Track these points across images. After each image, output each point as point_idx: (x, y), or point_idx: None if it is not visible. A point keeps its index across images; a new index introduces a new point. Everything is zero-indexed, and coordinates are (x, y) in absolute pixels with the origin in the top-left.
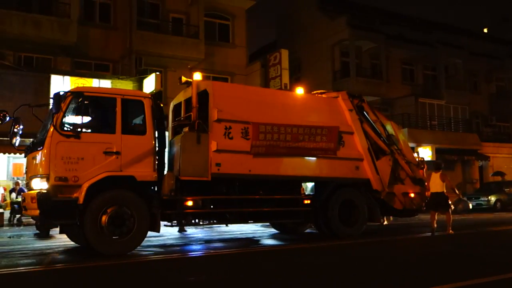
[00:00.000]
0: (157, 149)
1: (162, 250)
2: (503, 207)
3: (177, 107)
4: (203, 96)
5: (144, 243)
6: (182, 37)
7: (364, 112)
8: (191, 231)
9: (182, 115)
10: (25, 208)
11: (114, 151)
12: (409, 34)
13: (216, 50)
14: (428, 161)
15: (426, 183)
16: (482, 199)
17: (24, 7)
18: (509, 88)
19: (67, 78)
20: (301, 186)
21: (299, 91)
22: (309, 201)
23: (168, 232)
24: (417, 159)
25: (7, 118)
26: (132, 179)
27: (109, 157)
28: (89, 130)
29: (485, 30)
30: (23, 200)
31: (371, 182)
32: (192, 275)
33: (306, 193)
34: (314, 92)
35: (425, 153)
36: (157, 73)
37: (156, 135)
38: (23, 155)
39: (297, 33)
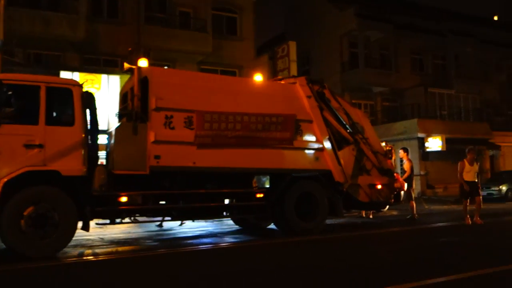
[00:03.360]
0: (89, 141)
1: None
2: None
3: (125, 96)
4: (145, 83)
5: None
6: (190, 31)
7: (326, 99)
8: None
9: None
10: None
11: (37, 143)
12: (419, 23)
13: (224, 43)
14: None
15: (407, 173)
16: (493, 188)
17: (33, 4)
18: None
19: (76, 74)
20: (253, 179)
21: (258, 78)
22: (262, 195)
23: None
24: (385, 149)
25: None
26: (57, 174)
27: (30, 150)
28: (8, 121)
29: (495, 18)
30: None
31: (333, 174)
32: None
33: (261, 186)
34: (273, 78)
35: (436, 143)
36: (165, 67)
37: (88, 127)
38: None
39: (306, 24)
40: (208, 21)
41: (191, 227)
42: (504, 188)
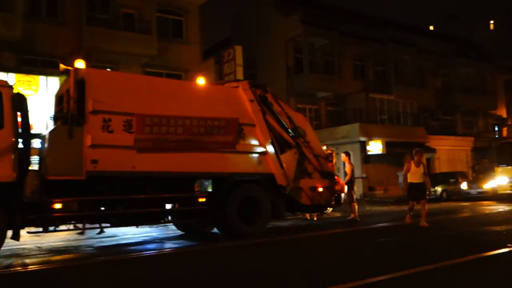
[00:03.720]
0: (20, 145)
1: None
2: (448, 197)
3: (61, 98)
4: (81, 85)
5: None
6: (134, 33)
7: (268, 103)
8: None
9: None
10: None
11: None
12: (361, 31)
13: (170, 46)
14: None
15: (348, 177)
16: (430, 190)
17: None
18: (454, 84)
19: (11, 75)
20: (195, 183)
21: (200, 81)
22: (204, 199)
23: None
24: (326, 152)
25: None
26: None
27: None
28: None
29: (431, 28)
30: None
31: (275, 177)
32: None
33: (204, 190)
34: (215, 82)
35: (376, 146)
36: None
37: (20, 130)
38: None
39: (252, 29)
40: (153, 23)
41: (135, 233)
42: (439, 189)
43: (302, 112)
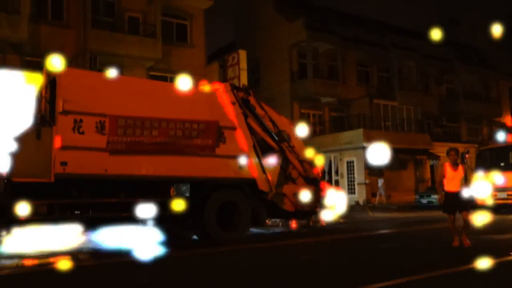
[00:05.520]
0: None
1: None
2: None
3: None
4: (53, 85)
5: None
6: (139, 36)
7: (251, 106)
8: None
9: None
10: None
11: None
12: (364, 36)
13: (174, 50)
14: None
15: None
16: (433, 196)
17: None
18: (458, 90)
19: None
20: (171, 187)
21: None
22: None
23: None
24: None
25: None
26: None
27: None
28: None
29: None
30: None
31: (257, 182)
32: None
33: (181, 195)
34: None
35: None
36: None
37: None
38: None
39: (255, 34)
40: (157, 27)
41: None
42: None
43: (306, 118)
